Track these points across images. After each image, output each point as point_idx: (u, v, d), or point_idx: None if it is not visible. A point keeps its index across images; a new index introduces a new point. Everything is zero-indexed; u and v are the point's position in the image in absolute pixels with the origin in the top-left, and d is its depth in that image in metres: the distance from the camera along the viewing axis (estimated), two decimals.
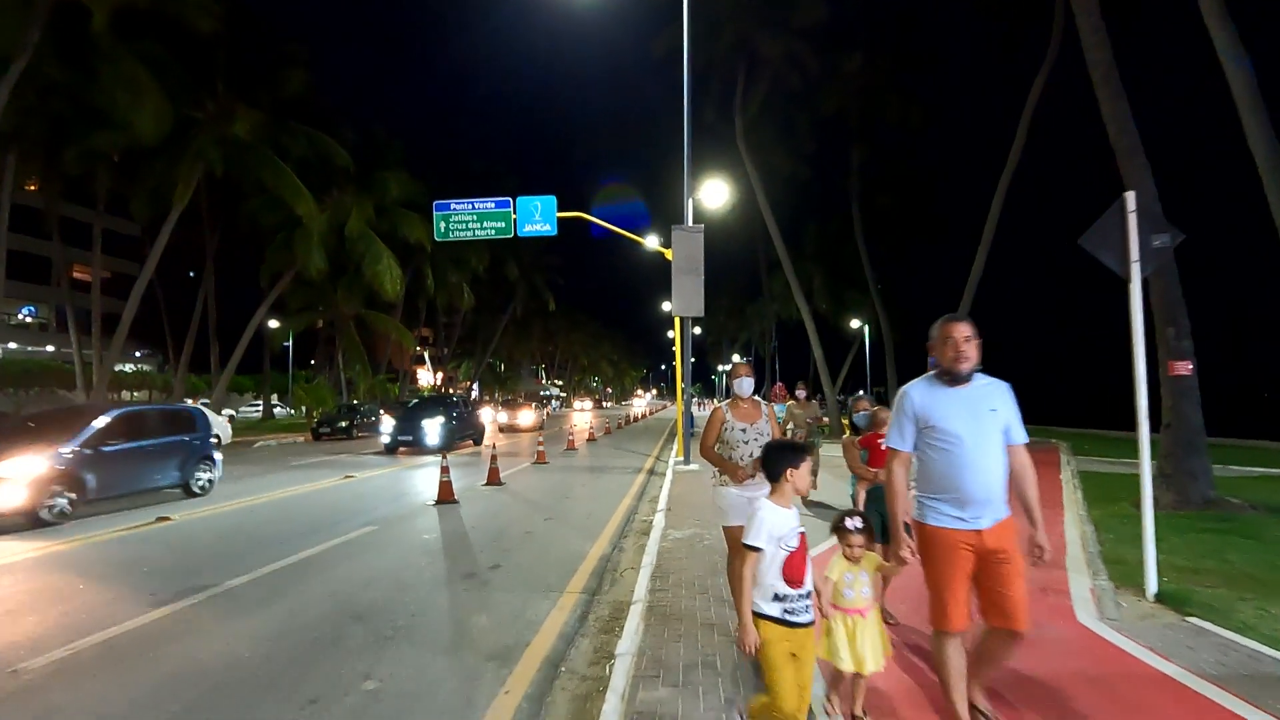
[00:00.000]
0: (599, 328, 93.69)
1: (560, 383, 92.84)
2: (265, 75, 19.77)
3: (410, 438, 17.26)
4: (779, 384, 35.55)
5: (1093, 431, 21.13)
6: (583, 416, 46.59)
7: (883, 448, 3.58)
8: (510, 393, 62.69)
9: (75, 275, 42.87)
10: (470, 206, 16.02)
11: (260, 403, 37.44)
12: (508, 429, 27.65)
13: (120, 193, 22.22)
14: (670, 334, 38.20)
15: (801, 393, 9.94)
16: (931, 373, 2.76)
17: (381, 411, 25.04)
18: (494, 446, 12.07)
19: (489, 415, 32.95)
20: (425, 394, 35.89)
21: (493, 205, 15.98)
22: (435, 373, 53.46)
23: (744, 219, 43.57)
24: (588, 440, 22.42)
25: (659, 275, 14.17)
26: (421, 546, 6.78)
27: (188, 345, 26.45)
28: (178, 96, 18.53)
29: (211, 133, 18.99)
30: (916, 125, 27.60)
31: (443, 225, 16.04)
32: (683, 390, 15.20)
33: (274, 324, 31.92)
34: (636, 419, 39.97)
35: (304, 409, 30.27)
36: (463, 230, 16.02)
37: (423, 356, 66.86)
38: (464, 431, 19.48)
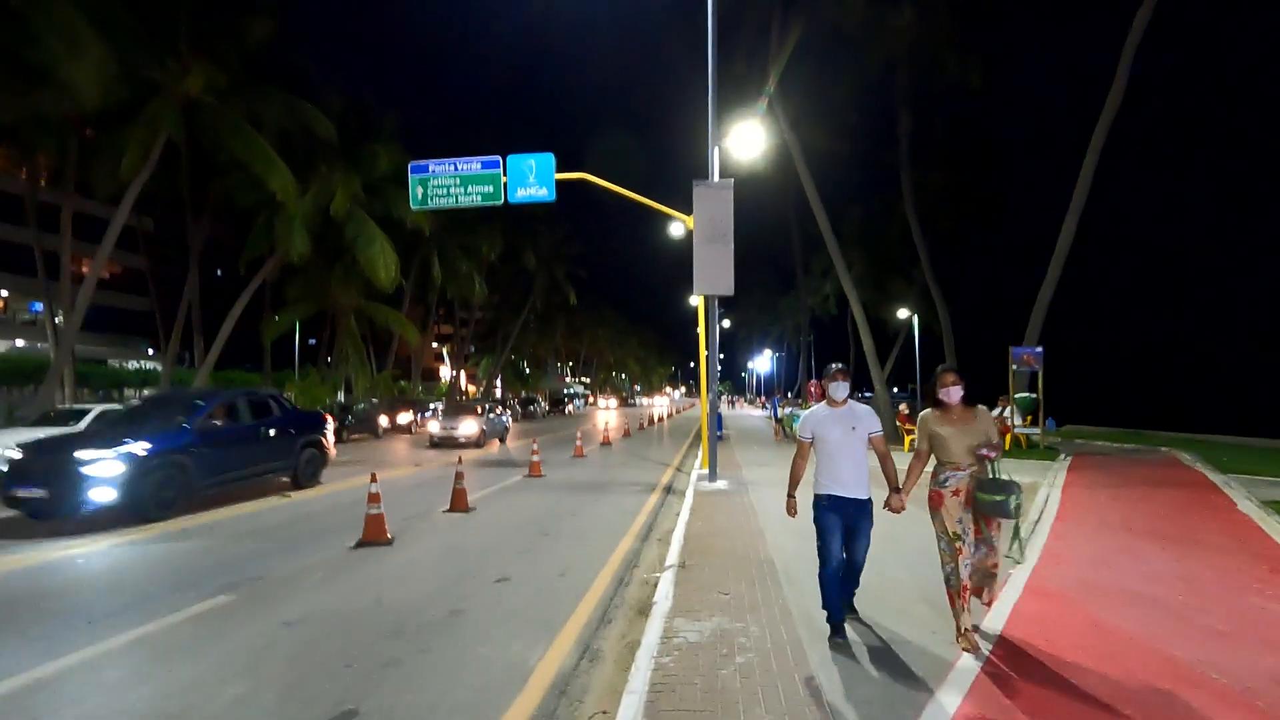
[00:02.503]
0: (625, 324, 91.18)
1: (587, 380, 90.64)
2: (230, 28, 17.41)
3: (42, 492, 7.52)
4: (814, 381, 32.09)
5: (1210, 438, 17.51)
6: (605, 415, 43.99)
7: None
8: (535, 390, 60.20)
9: (84, 270, 42.00)
10: (452, 168, 13.39)
11: None
12: (442, 443, 18.98)
13: (87, 170, 20.11)
14: (698, 329, 35.31)
15: (956, 390, 3.88)
16: None
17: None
18: (460, 460, 9.41)
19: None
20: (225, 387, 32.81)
21: (479, 166, 13.32)
22: (455, 370, 51.31)
23: (776, 202, 40.37)
24: (601, 444, 19.70)
25: (684, 267, 11.27)
26: (259, 649, 4.07)
27: (174, 340, 24.49)
28: (132, 53, 16.31)
29: (171, 95, 16.69)
30: (976, 86, 24.26)
31: (420, 191, 13.46)
32: (709, 387, 12.32)
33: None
34: (659, 420, 37.19)
35: None
36: (444, 197, 13.42)
37: (442, 354, 65.16)
38: (235, 465, 9.50)
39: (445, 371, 63.67)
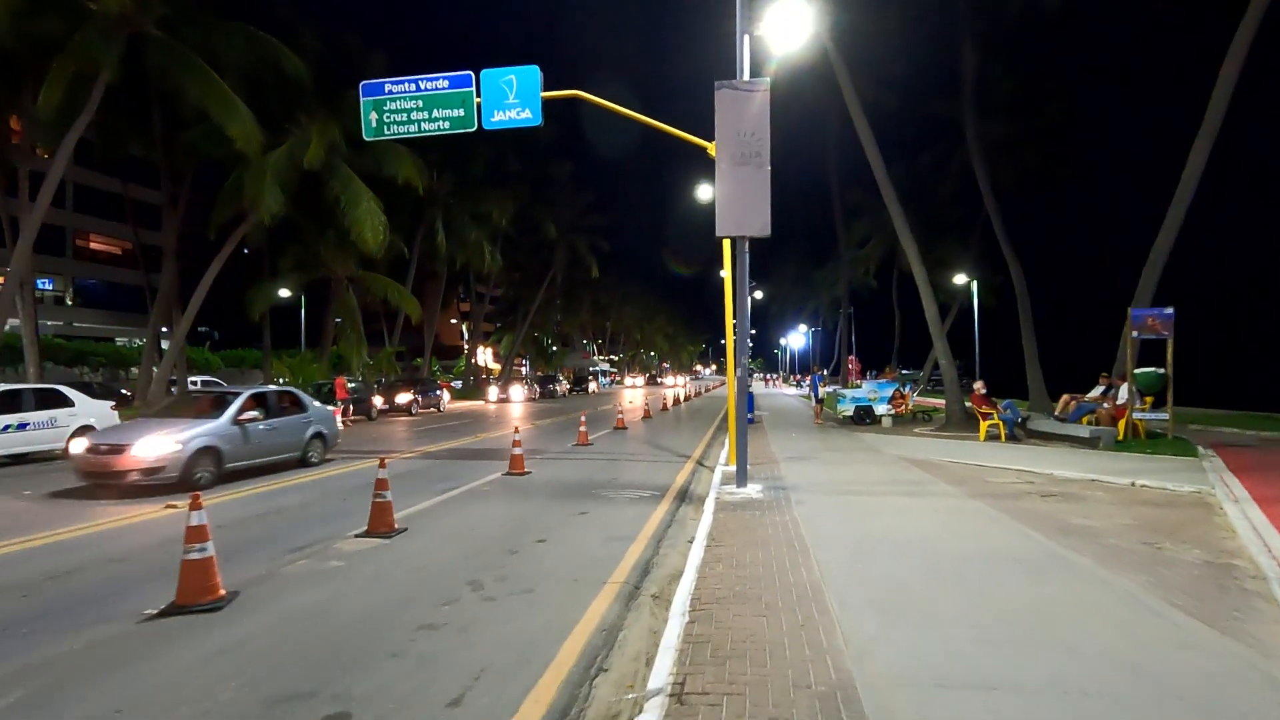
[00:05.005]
0: (653, 300, 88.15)
1: (615, 358, 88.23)
2: None
3: None
4: (853, 357, 28.52)
5: None
6: (629, 395, 41.46)
7: None
8: (561, 367, 57.27)
9: (92, 246, 40.86)
10: (413, 88, 10.72)
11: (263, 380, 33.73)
12: (93, 478, 8.04)
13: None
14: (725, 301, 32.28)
15: None
16: None
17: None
18: (383, 466, 6.72)
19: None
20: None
21: (446, 84, 10.60)
22: (470, 346, 49.14)
23: (812, 168, 36.67)
24: (615, 429, 17.10)
25: (714, 234, 8.49)
26: None
27: (156, 313, 22.59)
28: None
29: (103, 23, 14.27)
30: (1053, 6, 20.55)
31: (374, 117, 10.84)
32: (737, 361, 9.46)
33: (285, 292, 27.80)
34: (684, 399, 34.51)
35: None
36: (404, 123, 10.81)
37: (463, 330, 63.23)
38: None
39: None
